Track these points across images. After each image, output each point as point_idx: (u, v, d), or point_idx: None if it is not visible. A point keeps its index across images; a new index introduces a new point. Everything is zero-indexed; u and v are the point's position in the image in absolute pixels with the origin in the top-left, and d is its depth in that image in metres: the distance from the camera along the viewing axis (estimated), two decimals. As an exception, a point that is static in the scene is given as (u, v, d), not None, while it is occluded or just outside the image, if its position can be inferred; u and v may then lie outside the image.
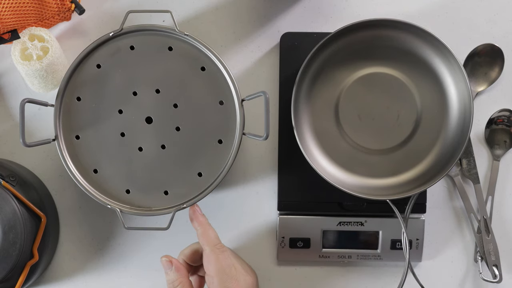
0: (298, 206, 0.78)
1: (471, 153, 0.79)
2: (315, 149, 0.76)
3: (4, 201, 0.69)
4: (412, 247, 0.78)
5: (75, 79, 0.71)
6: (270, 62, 0.79)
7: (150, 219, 0.78)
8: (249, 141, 0.79)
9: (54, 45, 0.73)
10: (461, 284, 0.81)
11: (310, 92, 0.76)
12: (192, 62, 0.71)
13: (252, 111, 0.76)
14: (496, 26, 0.79)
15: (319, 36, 0.77)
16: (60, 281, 0.80)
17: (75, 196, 0.79)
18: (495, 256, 0.78)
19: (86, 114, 0.71)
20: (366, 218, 0.78)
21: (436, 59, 0.74)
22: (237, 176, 0.80)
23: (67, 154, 0.71)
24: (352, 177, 0.76)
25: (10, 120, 0.79)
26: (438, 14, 0.79)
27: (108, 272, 0.80)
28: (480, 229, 0.78)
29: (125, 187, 0.71)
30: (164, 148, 0.71)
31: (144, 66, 0.71)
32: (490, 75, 0.79)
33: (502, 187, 0.80)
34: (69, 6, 0.74)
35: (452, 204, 0.80)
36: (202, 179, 0.71)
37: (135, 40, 0.71)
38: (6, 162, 0.76)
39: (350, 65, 0.76)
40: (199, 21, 0.79)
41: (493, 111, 0.80)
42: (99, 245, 0.80)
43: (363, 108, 0.76)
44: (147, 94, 0.71)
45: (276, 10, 0.79)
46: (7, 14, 0.70)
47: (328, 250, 0.78)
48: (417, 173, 0.76)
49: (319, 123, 0.76)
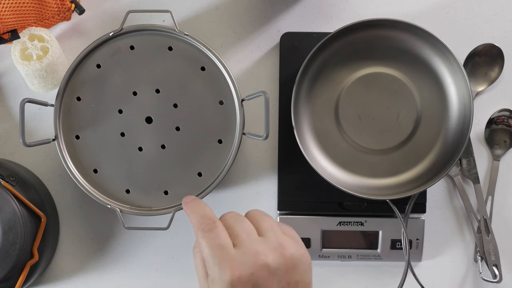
0: (298, 206, 0.78)
1: (471, 153, 0.79)
2: (315, 149, 0.76)
3: (4, 201, 0.69)
4: (412, 247, 0.78)
5: (75, 79, 0.71)
6: (270, 62, 0.79)
7: (150, 219, 0.78)
8: (249, 141, 0.79)
9: (54, 45, 0.73)
10: (461, 284, 0.81)
11: (310, 92, 0.76)
12: (192, 62, 0.71)
13: (252, 111, 0.76)
14: (496, 26, 0.79)
15: (319, 36, 0.77)
16: (60, 281, 0.80)
17: (75, 196, 0.79)
18: (495, 256, 0.78)
19: (86, 114, 0.71)
20: (366, 218, 0.78)
21: (436, 59, 0.74)
22: (237, 176, 0.80)
23: (67, 154, 0.71)
24: (352, 177, 0.76)
25: (10, 120, 0.79)
26: (438, 14, 0.79)
27: (108, 272, 0.80)
28: (480, 229, 0.78)
29: (125, 187, 0.71)
30: (164, 148, 0.71)
31: (144, 66, 0.71)
32: (490, 75, 0.79)
33: (502, 187, 0.80)
34: (69, 6, 0.74)
35: (452, 204, 0.80)
36: (202, 179, 0.71)
37: (135, 40, 0.71)
38: (6, 162, 0.76)
39: (350, 65, 0.76)
40: (199, 21, 0.79)
41: (493, 111, 0.80)
42: (99, 245, 0.80)
43: (363, 108, 0.76)
44: (147, 94, 0.71)
45: (276, 10, 0.79)
46: (7, 14, 0.70)
47: (328, 250, 0.78)
48: (417, 173, 0.76)
49: (319, 123, 0.76)
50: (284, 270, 0.54)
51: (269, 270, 0.53)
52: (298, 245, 0.56)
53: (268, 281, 0.53)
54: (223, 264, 0.53)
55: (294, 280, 0.54)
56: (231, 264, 0.52)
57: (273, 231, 0.56)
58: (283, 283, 0.53)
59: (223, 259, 0.53)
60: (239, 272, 0.52)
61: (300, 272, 0.55)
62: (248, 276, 0.52)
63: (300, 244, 0.57)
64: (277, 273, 0.53)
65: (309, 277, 0.56)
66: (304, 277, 0.55)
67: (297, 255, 0.55)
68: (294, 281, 0.54)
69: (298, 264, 0.55)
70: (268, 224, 0.57)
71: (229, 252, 0.53)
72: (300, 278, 0.55)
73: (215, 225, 0.55)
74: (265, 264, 0.53)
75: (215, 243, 0.53)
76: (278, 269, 0.53)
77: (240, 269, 0.52)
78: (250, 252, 0.53)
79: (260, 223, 0.57)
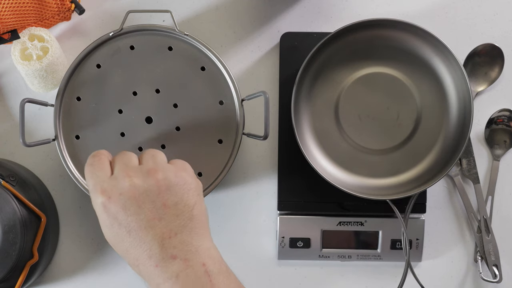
0: (298, 206, 0.78)
1: (471, 153, 0.79)
2: (315, 149, 0.76)
3: (4, 201, 0.69)
4: (412, 247, 0.78)
5: (75, 79, 0.71)
6: (270, 62, 0.79)
7: (150, 219, 0.78)
8: (249, 141, 0.79)
9: (54, 45, 0.73)
10: (461, 284, 0.81)
11: (310, 92, 0.76)
12: (192, 62, 0.71)
13: (252, 111, 0.76)
14: (496, 26, 0.79)
15: (319, 36, 0.77)
16: (60, 281, 0.80)
17: (75, 196, 0.79)
18: (495, 256, 0.78)
19: (86, 114, 0.71)
20: (366, 218, 0.78)
21: (436, 59, 0.74)
22: (237, 176, 0.80)
23: (67, 154, 0.71)
24: (352, 177, 0.76)
25: (10, 120, 0.79)
26: (438, 14, 0.79)
27: (108, 272, 0.80)
28: (480, 229, 0.78)
29: (125, 187, 0.71)
30: (164, 148, 0.71)
31: (144, 66, 0.71)
32: (490, 75, 0.79)
33: (502, 187, 0.80)
34: (69, 6, 0.74)
35: (452, 204, 0.80)
36: (202, 179, 0.71)
37: (135, 40, 0.71)
38: (6, 162, 0.76)
39: (350, 65, 0.76)
40: (199, 21, 0.79)
41: (493, 111, 0.80)
42: (99, 245, 0.80)
43: (363, 108, 0.76)
44: (147, 94, 0.71)
45: (276, 10, 0.79)
46: (7, 14, 0.70)
47: (328, 250, 0.78)
48: (417, 173, 0.76)
49: (319, 123, 0.76)
50: (156, 192, 0.56)
51: (138, 191, 0.56)
52: (178, 170, 0.59)
53: (138, 201, 0.55)
54: (96, 188, 0.56)
55: (171, 201, 0.56)
56: (101, 187, 0.56)
57: (153, 159, 0.59)
58: (158, 204, 0.56)
59: (96, 185, 0.57)
60: (108, 194, 0.56)
61: (177, 194, 0.57)
62: (117, 196, 0.55)
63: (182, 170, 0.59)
64: (148, 194, 0.56)
65: (192, 200, 0.57)
66: (184, 199, 0.57)
67: (174, 179, 0.57)
68: (171, 202, 0.56)
69: (173, 187, 0.57)
70: (149, 155, 0.60)
71: (102, 179, 0.57)
72: (178, 199, 0.57)
73: (99, 158, 0.59)
74: (132, 184, 0.56)
75: (93, 173, 0.58)
76: (148, 190, 0.56)
77: (109, 191, 0.56)
78: (121, 176, 0.56)
79: (143, 155, 0.60)
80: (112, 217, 0.56)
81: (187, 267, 0.54)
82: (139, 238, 0.55)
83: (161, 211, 0.56)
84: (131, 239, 0.56)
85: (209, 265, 0.55)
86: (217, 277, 0.55)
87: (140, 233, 0.55)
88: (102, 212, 0.56)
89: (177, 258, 0.55)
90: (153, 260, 0.55)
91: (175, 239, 0.55)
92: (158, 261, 0.55)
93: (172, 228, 0.56)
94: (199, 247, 0.56)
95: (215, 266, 0.56)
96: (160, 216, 0.56)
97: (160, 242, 0.55)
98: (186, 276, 0.54)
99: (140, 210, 0.55)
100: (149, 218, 0.55)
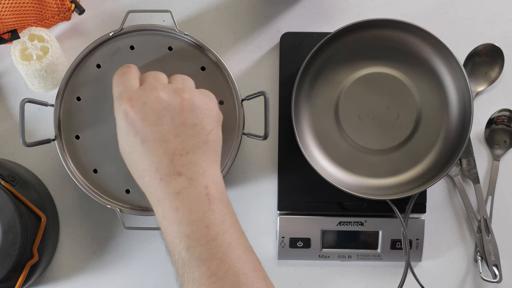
0: (298, 206, 0.78)
1: (471, 153, 0.79)
2: (315, 149, 0.76)
3: (4, 201, 0.69)
4: (412, 247, 0.78)
5: (75, 79, 0.71)
6: (270, 62, 0.79)
7: (150, 219, 0.78)
8: (249, 141, 0.79)
9: (54, 45, 0.73)
10: (461, 284, 0.81)
11: (310, 92, 0.76)
12: (192, 62, 0.71)
13: (252, 111, 0.76)
14: (496, 26, 0.79)
15: (319, 36, 0.77)
16: (60, 281, 0.80)
17: (75, 196, 0.79)
18: (495, 256, 0.78)
19: (86, 114, 0.71)
20: (366, 218, 0.78)
21: (436, 59, 0.74)
22: (237, 176, 0.80)
23: (67, 154, 0.71)
24: (352, 177, 0.76)
25: (10, 120, 0.79)
26: (438, 14, 0.79)
27: (108, 272, 0.80)
28: (480, 229, 0.78)
29: (125, 187, 0.71)
30: (164, 148, 0.71)
31: (144, 66, 0.71)
32: (490, 75, 0.79)
33: (502, 187, 0.80)
34: (69, 6, 0.74)
35: (452, 204, 0.80)
36: (202, 179, 0.71)
37: (135, 40, 0.71)
38: (6, 162, 0.76)
39: (350, 65, 0.76)
40: (199, 21, 0.79)
41: (493, 111, 0.80)
42: (99, 245, 0.80)
43: (363, 108, 0.76)
44: (147, 94, 0.71)
45: (276, 10, 0.79)
46: (7, 14, 0.70)
47: (328, 250, 0.78)
48: (417, 173, 0.76)
49: (319, 123, 0.76)
50: (179, 110, 0.57)
51: (162, 104, 0.57)
52: (204, 96, 0.60)
53: (159, 114, 0.56)
54: (122, 96, 0.57)
55: (190, 121, 0.57)
56: (128, 95, 0.57)
57: (182, 81, 0.60)
58: (177, 121, 0.57)
59: (123, 92, 0.58)
60: (132, 102, 0.57)
61: (198, 116, 0.58)
62: (140, 105, 0.56)
63: (208, 98, 0.60)
64: (170, 109, 0.57)
65: (211, 126, 0.58)
66: (203, 123, 0.58)
67: (198, 101, 0.58)
68: (191, 122, 0.57)
69: (196, 109, 0.58)
70: (180, 77, 0.61)
71: (130, 88, 0.58)
72: (198, 121, 0.57)
73: (129, 69, 0.60)
74: (158, 97, 0.57)
75: (122, 82, 0.59)
76: (171, 105, 0.57)
77: (134, 99, 0.57)
78: (148, 88, 0.57)
79: (175, 76, 0.61)
80: (130, 124, 0.56)
81: (190, 186, 0.55)
82: (151, 150, 0.56)
83: (179, 128, 0.56)
84: (143, 149, 0.56)
85: (212, 189, 0.56)
86: (217, 203, 0.55)
87: (154, 145, 0.56)
88: (122, 119, 0.57)
89: (182, 175, 0.55)
90: (159, 173, 0.55)
91: (185, 158, 0.56)
92: (164, 175, 0.55)
93: (185, 147, 0.56)
94: (206, 171, 0.56)
95: (217, 192, 0.56)
96: (177, 133, 0.56)
97: (170, 157, 0.55)
98: (187, 194, 0.55)
99: (158, 122, 0.56)
100: (165, 132, 0.56)
